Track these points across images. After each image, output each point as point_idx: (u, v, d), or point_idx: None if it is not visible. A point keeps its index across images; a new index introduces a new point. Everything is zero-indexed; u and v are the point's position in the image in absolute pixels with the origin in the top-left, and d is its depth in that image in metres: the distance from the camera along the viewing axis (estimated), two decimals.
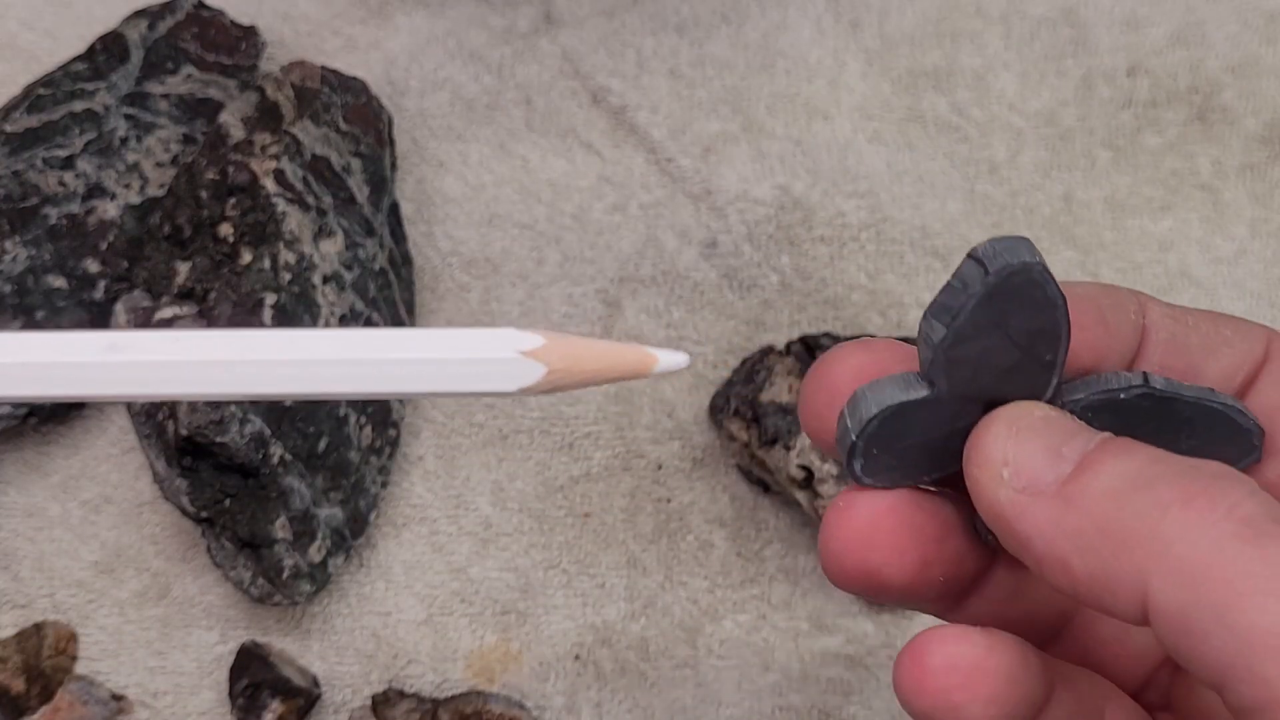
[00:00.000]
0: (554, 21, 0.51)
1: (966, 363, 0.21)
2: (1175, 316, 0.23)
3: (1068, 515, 0.19)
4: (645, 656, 0.42)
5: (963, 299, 0.21)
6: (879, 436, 0.22)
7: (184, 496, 0.40)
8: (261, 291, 0.41)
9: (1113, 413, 0.22)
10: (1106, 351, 0.23)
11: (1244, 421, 0.22)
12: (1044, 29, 0.50)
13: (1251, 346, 0.23)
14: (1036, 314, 0.21)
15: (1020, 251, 0.21)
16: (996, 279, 0.21)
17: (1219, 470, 0.19)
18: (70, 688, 0.41)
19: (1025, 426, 0.21)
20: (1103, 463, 0.19)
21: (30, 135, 0.44)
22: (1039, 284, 0.21)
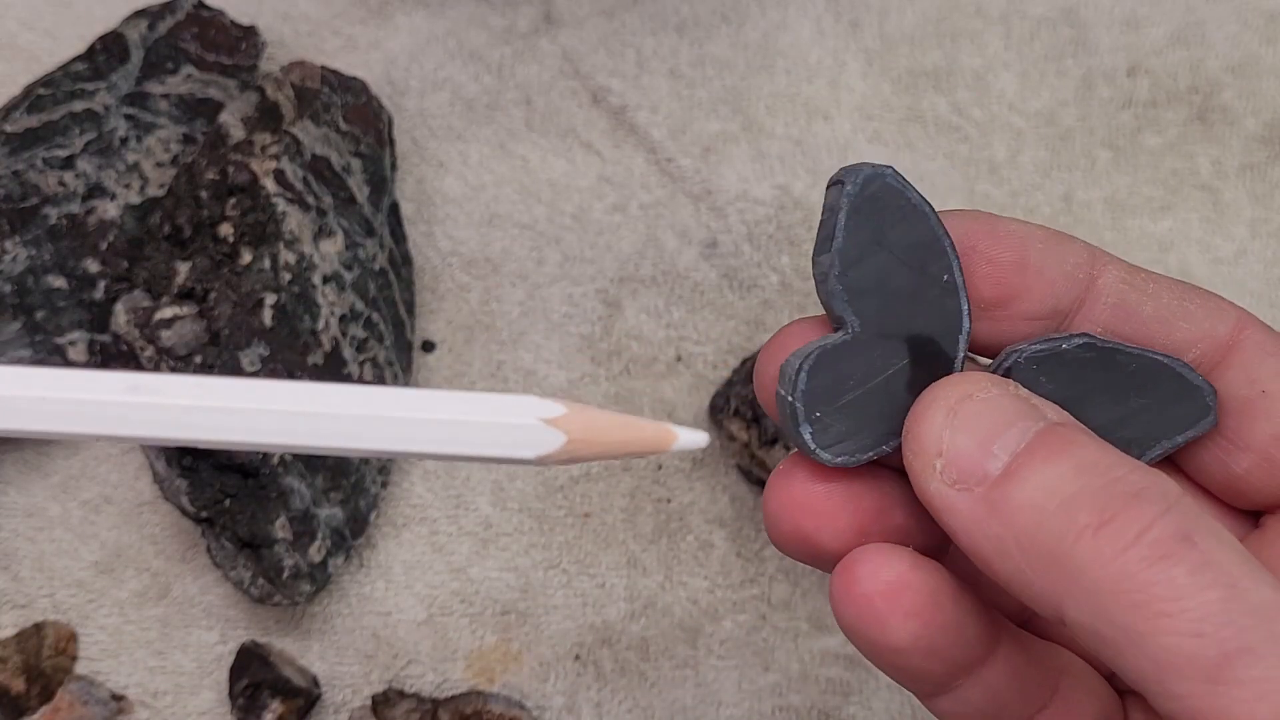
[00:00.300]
0: (554, 21, 0.51)
1: (866, 291, 0.21)
2: (1133, 283, 0.23)
3: (990, 522, 0.20)
4: (645, 656, 0.42)
5: (834, 220, 0.21)
6: (812, 393, 0.22)
7: (184, 496, 0.40)
8: (261, 291, 0.41)
9: (1058, 364, 0.22)
10: (1022, 291, 0.22)
11: (1192, 378, 0.22)
12: (1044, 29, 0.50)
13: (1214, 325, 0.23)
14: (910, 224, 0.21)
15: (873, 165, 0.21)
16: (854, 188, 0.21)
17: (1139, 486, 0.19)
18: (70, 688, 0.41)
19: (963, 413, 0.21)
20: (1030, 469, 0.20)
21: (30, 135, 0.44)
22: (898, 189, 0.21)
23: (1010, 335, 0.23)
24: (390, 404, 0.20)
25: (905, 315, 0.22)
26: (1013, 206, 0.48)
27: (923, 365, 0.22)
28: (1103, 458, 0.20)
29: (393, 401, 0.20)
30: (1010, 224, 0.23)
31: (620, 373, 0.46)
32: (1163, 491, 0.19)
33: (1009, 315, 0.23)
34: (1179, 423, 0.22)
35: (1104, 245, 0.47)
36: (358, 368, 0.43)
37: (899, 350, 0.22)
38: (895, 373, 0.22)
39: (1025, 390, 0.21)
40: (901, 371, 0.22)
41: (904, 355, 0.22)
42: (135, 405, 0.20)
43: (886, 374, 0.22)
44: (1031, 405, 0.21)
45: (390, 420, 0.20)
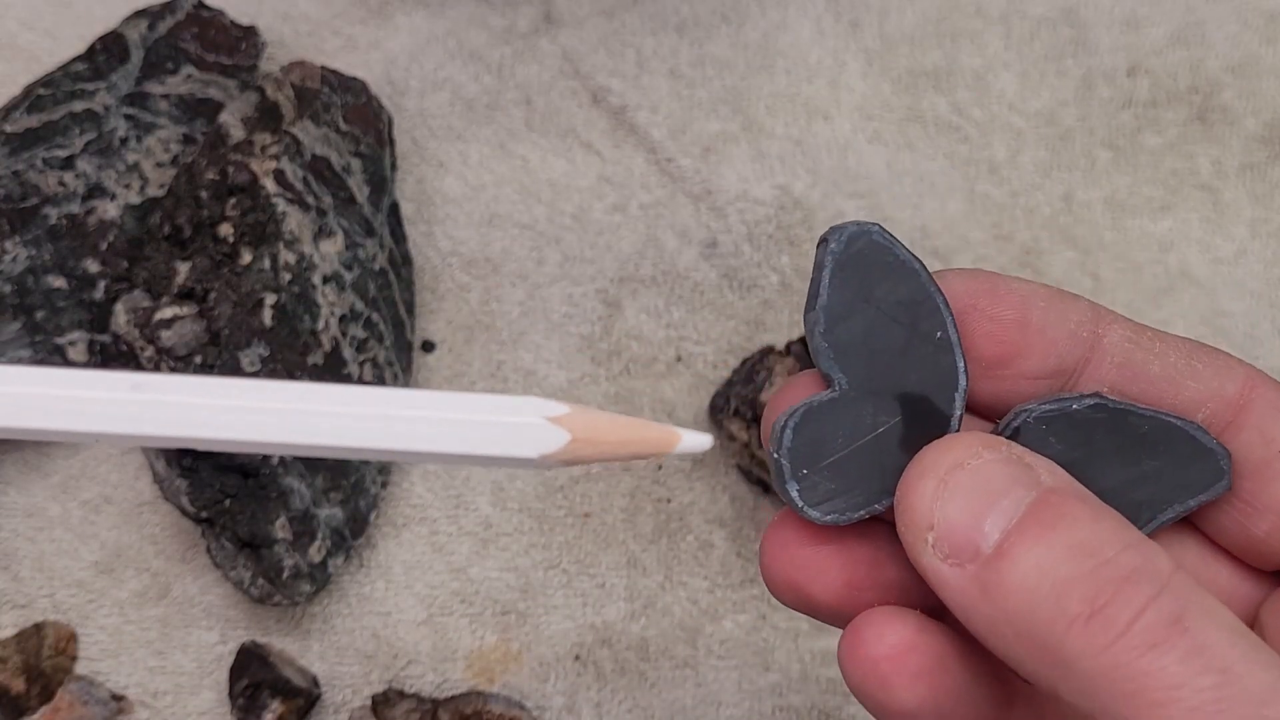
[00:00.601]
0: (554, 21, 0.51)
1: (853, 348, 0.21)
2: (1139, 342, 0.23)
3: (983, 602, 0.19)
4: (645, 656, 0.42)
5: (819, 277, 0.21)
6: (799, 450, 0.21)
7: (184, 496, 0.40)
8: (261, 291, 0.41)
9: (1068, 424, 0.22)
10: (1024, 349, 0.22)
11: (1206, 441, 0.22)
12: (1044, 29, 0.50)
13: (1223, 384, 0.22)
14: (897, 280, 0.21)
15: (861, 222, 0.21)
16: (839, 245, 0.21)
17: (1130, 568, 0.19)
18: (70, 688, 0.41)
19: (953, 484, 0.20)
20: (1021, 549, 0.19)
21: (30, 135, 0.44)
22: (884, 246, 0.21)
23: (1014, 394, 0.23)
24: (394, 404, 0.20)
25: (896, 372, 0.22)
26: (1013, 206, 0.48)
27: (916, 423, 0.22)
28: (1095, 534, 0.19)
29: (396, 401, 0.20)
30: (1012, 282, 0.23)
31: (620, 373, 0.46)
32: (1154, 572, 0.19)
33: (1012, 374, 0.22)
34: (1192, 486, 0.22)
35: (1104, 245, 0.47)
36: (358, 368, 0.43)
37: (890, 408, 0.22)
38: (886, 430, 0.22)
39: (1020, 449, 0.21)
40: (893, 429, 0.22)
41: (896, 413, 0.22)
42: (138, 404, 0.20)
43: (877, 432, 0.22)
44: (1025, 468, 0.20)
45: (393, 419, 0.20)
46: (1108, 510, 0.20)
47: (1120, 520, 0.20)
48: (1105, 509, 0.20)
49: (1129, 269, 0.47)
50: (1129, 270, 0.47)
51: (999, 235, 0.47)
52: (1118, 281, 0.46)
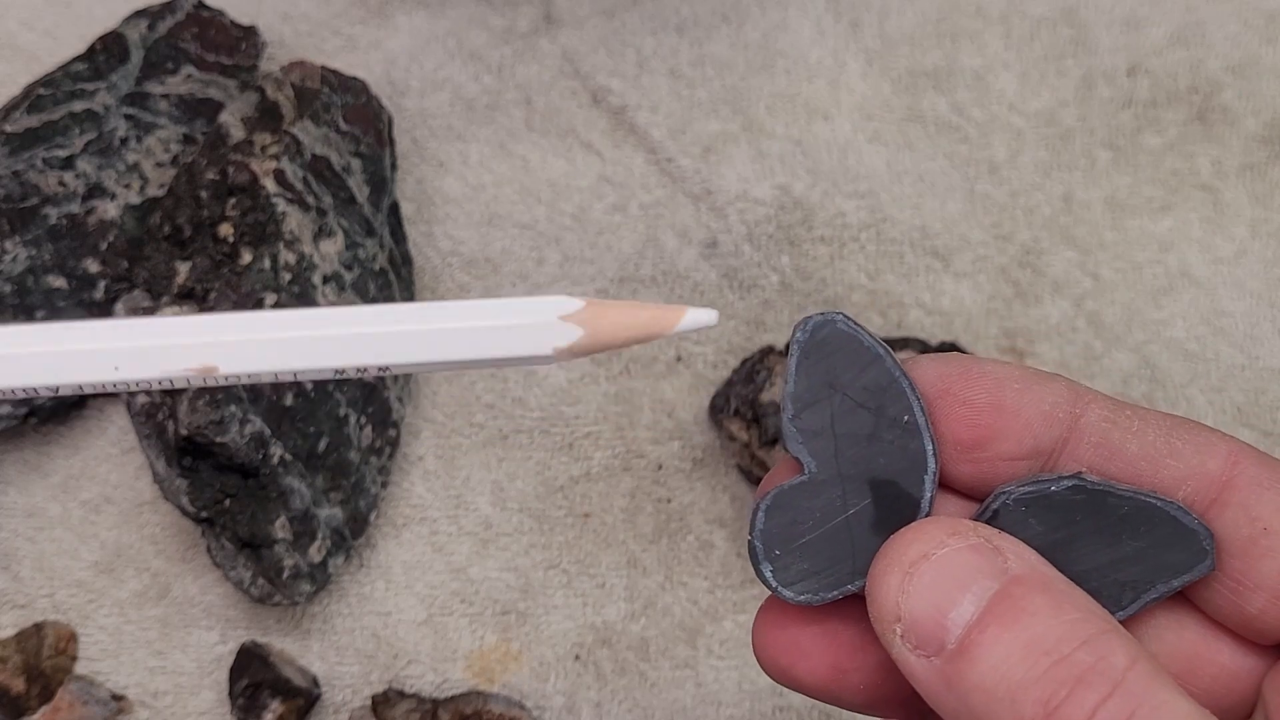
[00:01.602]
0: (554, 21, 0.51)
1: (820, 433, 0.22)
2: (1117, 421, 0.22)
3: (949, 697, 0.20)
4: (645, 656, 0.42)
5: (788, 365, 0.22)
6: (771, 532, 0.22)
7: (184, 496, 0.40)
8: (261, 291, 0.41)
9: (1047, 506, 0.22)
10: (999, 432, 0.22)
11: (1188, 521, 0.22)
12: (1044, 29, 0.50)
13: (1204, 461, 0.22)
14: (863, 367, 0.22)
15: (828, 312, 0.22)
16: (804, 334, 0.22)
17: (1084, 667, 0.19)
18: (70, 688, 0.41)
19: (918, 575, 0.20)
20: (981, 647, 0.20)
21: (30, 135, 0.44)
22: (849, 334, 0.22)
23: (993, 475, 0.23)
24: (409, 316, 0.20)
25: (864, 457, 0.22)
26: (1013, 206, 0.48)
27: (886, 506, 0.22)
28: (1053, 629, 0.19)
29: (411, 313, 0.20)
30: (986, 365, 0.23)
31: (620, 373, 0.46)
32: (1108, 669, 0.19)
33: (988, 457, 0.23)
34: (1175, 567, 0.22)
35: (1104, 245, 0.47)
36: None
37: (860, 491, 0.22)
38: (857, 513, 0.22)
39: (989, 532, 0.21)
40: (864, 512, 0.22)
41: (866, 496, 0.22)
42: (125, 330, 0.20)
43: (848, 514, 0.22)
44: (992, 554, 0.20)
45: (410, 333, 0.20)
46: (1073, 599, 0.20)
47: (1085, 610, 0.20)
48: (1070, 598, 0.20)
49: (1129, 269, 0.47)
50: (1129, 270, 0.47)
51: (999, 235, 0.47)
52: (1118, 281, 0.46)
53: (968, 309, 0.46)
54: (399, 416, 0.44)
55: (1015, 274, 0.47)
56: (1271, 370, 0.45)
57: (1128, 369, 0.45)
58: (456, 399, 0.46)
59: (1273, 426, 0.44)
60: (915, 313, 0.46)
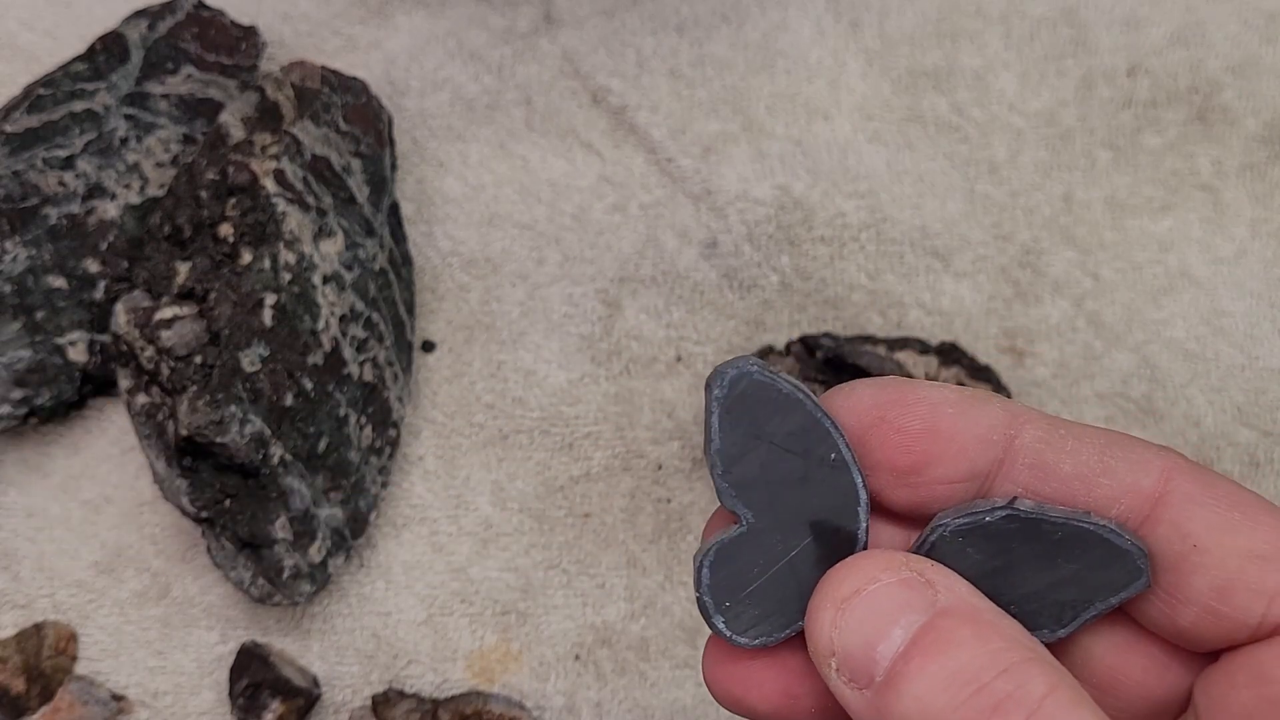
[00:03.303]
0: (554, 21, 0.51)
1: (752, 484, 0.22)
2: (1051, 441, 0.23)
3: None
4: (645, 656, 0.42)
5: (710, 422, 0.22)
6: (718, 586, 0.23)
7: (184, 496, 0.40)
8: (261, 291, 0.41)
9: (984, 536, 0.22)
10: (934, 457, 0.23)
11: (1120, 542, 0.22)
12: (1044, 29, 0.50)
13: (1138, 479, 0.22)
14: (785, 413, 0.22)
15: (741, 363, 0.22)
16: (722, 390, 0.22)
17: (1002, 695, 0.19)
18: (70, 688, 0.41)
19: (849, 611, 0.21)
20: (905, 679, 0.20)
21: (30, 135, 0.44)
22: (766, 383, 0.22)
23: (929, 500, 0.23)
24: None
25: (798, 499, 0.22)
26: (1013, 206, 0.48)
27: (825, 543, 0.23)
28: (975, 659, 0.20)
29: None
30: (921, 390, 0.23)
31: (620, 373, 0.46)
32: (1024, 698, 0.19)
33: (925, 481, 0.23)
34: (1112, 585, 0.22)
35: (1104, 245, 0.47)
36: (358, 368, 0.43)
37: (799, 532, 0.23)
38: (799, 554, 0.23)
39: (922, 564, 0.21)
40: (806, 551, 0.23)
41: (805, 536, 0.23)
42: None
43: (790, 556, 0.23)
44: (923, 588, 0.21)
45: None
46: (998, 628, 0.21)
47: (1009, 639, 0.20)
48: (996, 627, 0.21)
49: (1129, 269, 0.47)
50: (1129, 270, 0.47)
51: (999, 235, 0.47)
52: (1118, 281, 0.46)
53: (968, 309, 0.46)
54: (399, 416, 0.44)
55: (1015, 274, 0.47)
56: (1271, 370, 0.45)
57: (1128, 369, 0.45)
58: (456, 399, 0.46)
59: (1273, 426, 0.44)
60: (915, 313, 0.46)
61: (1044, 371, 0.45)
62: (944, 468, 0.23)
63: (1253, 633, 0.22)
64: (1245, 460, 0.44)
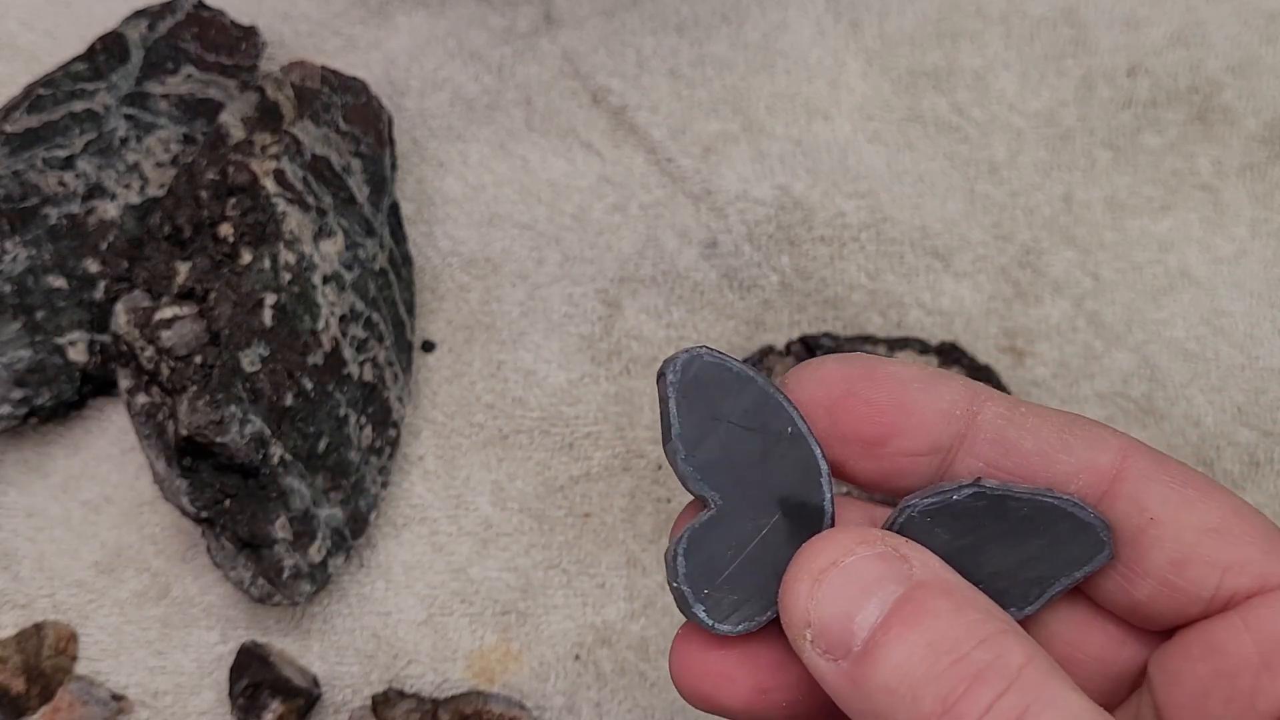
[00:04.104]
0: (554, 21, 0.51)
1: (716, 465, 0.22)
2: (1012, 419, 0.23)
3: (856, 696, 0.21)
4: (645, 656, 0.42)
5: (667, 409, 0.22)
6: (694, 574, 0.23)
7: (184, 496, 0.40)
8: (261, 291, 0.41)
9: (952, 515, 0.23)
10: (900, 430, 0.23)
11: (1084, 515, 0.23)
12: (1044, 29, 0.50)
13: (1095, 456, 0.23)
14: (738, 393, 0.22)
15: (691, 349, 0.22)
16: (674, 374, 0.22)
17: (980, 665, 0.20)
18: (70, 688, 0.41)
19: (825, 583, 0.21)
20: (885, 647, 0.20)
21: (30, 135, 0.44)
22: (718, 364, 0.22)
23: (894, 472, 0.24)
24: None
25: (761, 477, 0.23)
26: (1013, 206, 0.48)
27: (793, 517, 0.23)
28: (953, 630, 0.20)
29: None
30: (889, 365, 0.24)
31: (620, 373, 0.46)
32: (1003, 668, 0.20)
33: (890, 453, 0.23)
34: (1077, 560, 0.23)
35: (1104, 245, 0.47)
36: (358, 368, 0.43)
37: (768, 510, 0.23)
38: (769, 531, 0.23)
39: (896, 540, 0.22)
40: (776, 529, 0.23)
41: (774, 513, 0.23)
42: None
43: (761, 535, 0.23)
44: (899, 561, 0.21)
45: None
46: (974, 601, 0.21)
47: (985, 611, 0.21)
48: (971, 600, 0.21)
49: (1129, 269, 0.47)
50: (1129, 270, 0.47)
51: (999, 235, 0.47)
52: (1118, 281, 0.46)
53: (968, 309, 0.46)
54: (399, 416, 0.44)
55: (1015, 274, 0.47)
56: (1271, 370, 0.45)
57: (1128, 369, 0.45)
58: (456, 399, 0.46)
59: (1273, 426, 0.44)
60: (915, 313, 0.46)
61: (1044, 371, 0.45)
62: (908, 440, 0.23)
63: (1205, 607, 0.22)
64: (1245, 460, 0.44)
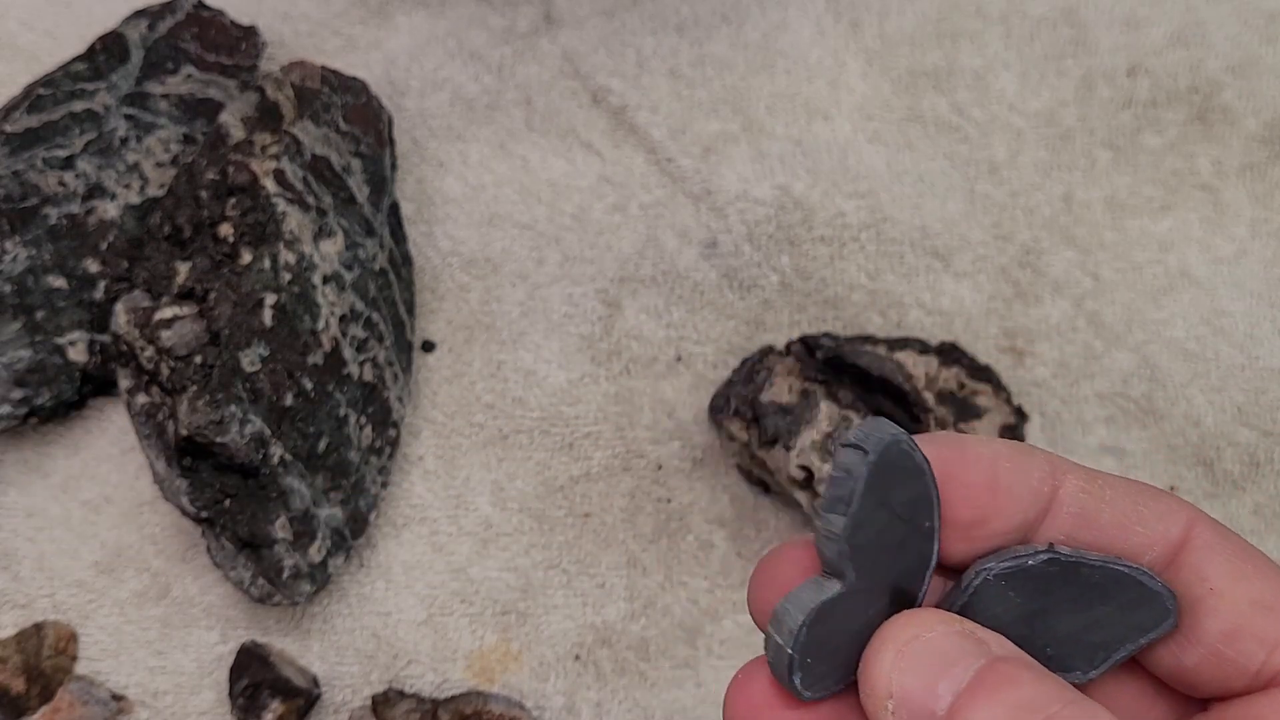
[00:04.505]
0: (554, 21, 0.51)
1: (866, 547, 0.23)
2: (1091, 491, 0.24)
3: None
4: (645, 656, 0.42)
5: (851, 484, 0.22)
6: (810, 644, 0.23)
7: (184, 496, 0.40)
8: (261, 291, 0.41)
9: (1025, 579, 0.23)
10: (994, 511, 0.24)
11: (1153, 584, 0.23)
12: (1044, 29, 0.50)
13: (1168, 528, 0.24)
14: (911, 483, 0.23)
15: (886, 428, 0.22)
16: (876, 456, 0.22)
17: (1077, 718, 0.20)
18: (70, 688, 0.41)
19: (909, 654, 0.22)
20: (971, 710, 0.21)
21: (30, 135, 0.44)
22: (907, 453, 0.23)
23: (983, 550, 0.24)
24: None
25: (890, 563, 0.23)
26: (1013, 206, 0.48)
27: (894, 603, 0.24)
28: (1037, 696, 0.21)
29: None
30: (979, 446, 0.24)
31: (620, 373, 0.46)
32: None
33: (984, 534, 0.24)
34: (1142, 626, 0.24)
35: (1104, 245, 0.47)
36: (358, 368, 0.43)
37: (882, 595, 0.23)
38: (875, 615, 0.23)
39: (972, 625, 0.22)
40: (881, 613, 0.23)
41: (885, 599, 0.23)
42: None
43: (869, 618, 0.23)
44: (977, 641, 0.22)
45: None
46: (1051, 675, 0.22)
47: (1061, 683, 0.21)
48: (1048, 674, 0.22)
49: (1129, 269, 0.47)
50: (1129, 270, 0.47)
51: (999, 235, 0.47)
52: (1118, 281, 0.46)
53: (968, 309, 0.46)
54: (399, 416, 0.44)
55: (1015, 274, 0.47)
56: (1271, 370, 0.45)
57: (1128, 369, 0.45)
58: (456, 399, 0.46)
59: (1273, 426, 0.44)
60: (915, 313, 0.46)
61: (1044, 371, 0.45)
62: (1002, 520, 0.24)
63: (1250, 681, 0.23)
64: (1245, 460, 0.44)
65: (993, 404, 0.42)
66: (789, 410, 0.41)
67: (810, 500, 0.41)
